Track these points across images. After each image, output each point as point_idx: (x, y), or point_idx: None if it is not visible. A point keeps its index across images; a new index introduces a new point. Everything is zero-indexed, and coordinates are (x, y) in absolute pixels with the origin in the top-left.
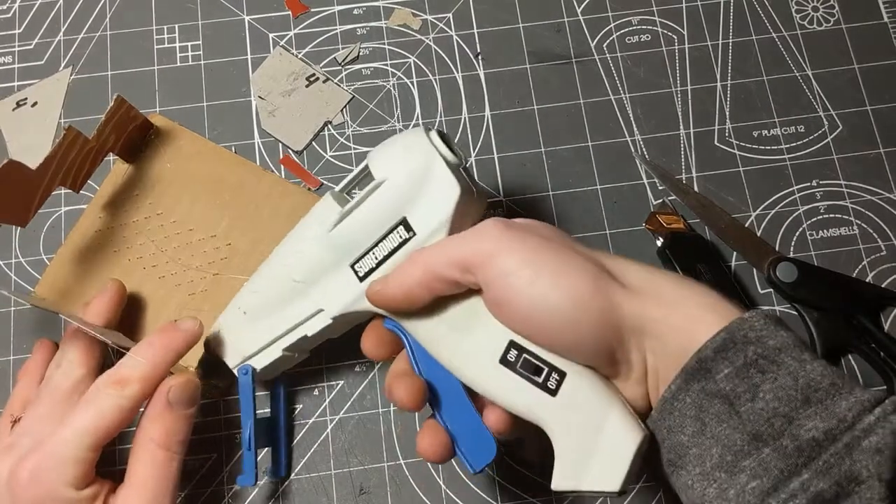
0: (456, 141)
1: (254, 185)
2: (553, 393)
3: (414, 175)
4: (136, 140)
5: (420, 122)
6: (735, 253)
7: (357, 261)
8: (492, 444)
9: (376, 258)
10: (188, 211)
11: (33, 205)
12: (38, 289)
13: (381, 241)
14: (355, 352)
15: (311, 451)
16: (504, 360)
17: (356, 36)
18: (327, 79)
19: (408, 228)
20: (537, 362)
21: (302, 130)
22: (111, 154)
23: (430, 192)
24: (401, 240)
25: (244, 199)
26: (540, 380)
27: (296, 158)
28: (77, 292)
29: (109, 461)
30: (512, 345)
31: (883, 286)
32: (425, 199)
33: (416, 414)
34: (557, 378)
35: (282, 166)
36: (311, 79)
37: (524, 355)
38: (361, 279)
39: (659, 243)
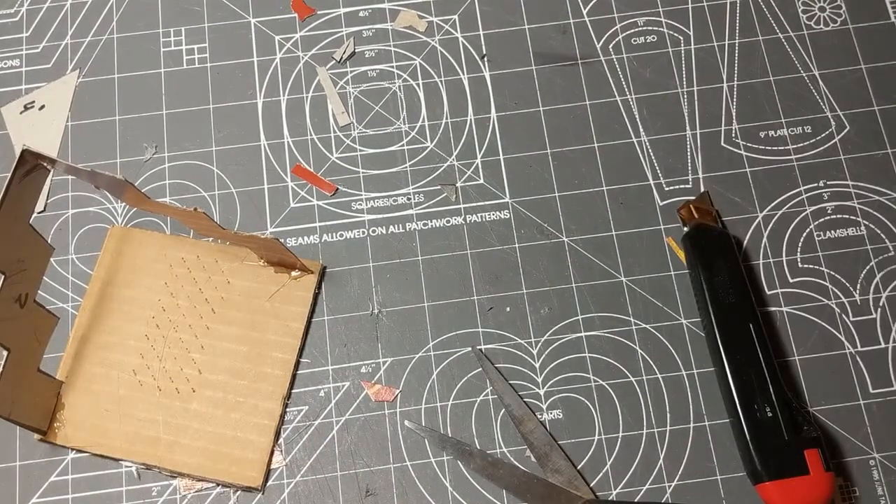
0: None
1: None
2: None
3: None
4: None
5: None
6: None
7: None
8: None
9: None
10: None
11: None
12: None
13: None
14: (361, 353)
15: (317, 452)
16: None
17: (362, 38)
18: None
19: None
20: None
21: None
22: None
23: None
24: None
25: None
26: None
27: (307, 166)
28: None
29: None
30: None
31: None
32: None
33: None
34: None
35: (289, 169)
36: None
37: None
38: None
39: (686, 231)
